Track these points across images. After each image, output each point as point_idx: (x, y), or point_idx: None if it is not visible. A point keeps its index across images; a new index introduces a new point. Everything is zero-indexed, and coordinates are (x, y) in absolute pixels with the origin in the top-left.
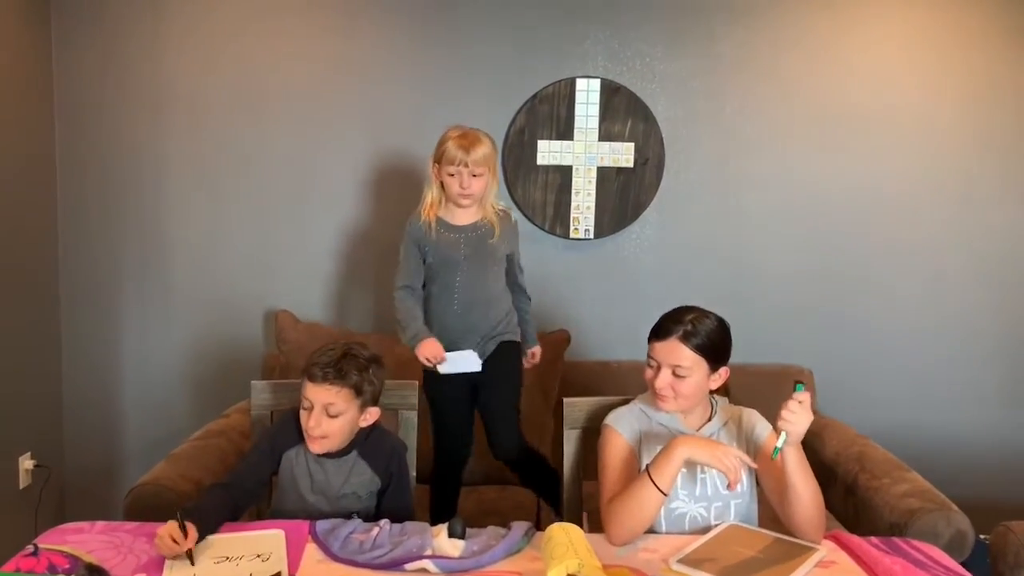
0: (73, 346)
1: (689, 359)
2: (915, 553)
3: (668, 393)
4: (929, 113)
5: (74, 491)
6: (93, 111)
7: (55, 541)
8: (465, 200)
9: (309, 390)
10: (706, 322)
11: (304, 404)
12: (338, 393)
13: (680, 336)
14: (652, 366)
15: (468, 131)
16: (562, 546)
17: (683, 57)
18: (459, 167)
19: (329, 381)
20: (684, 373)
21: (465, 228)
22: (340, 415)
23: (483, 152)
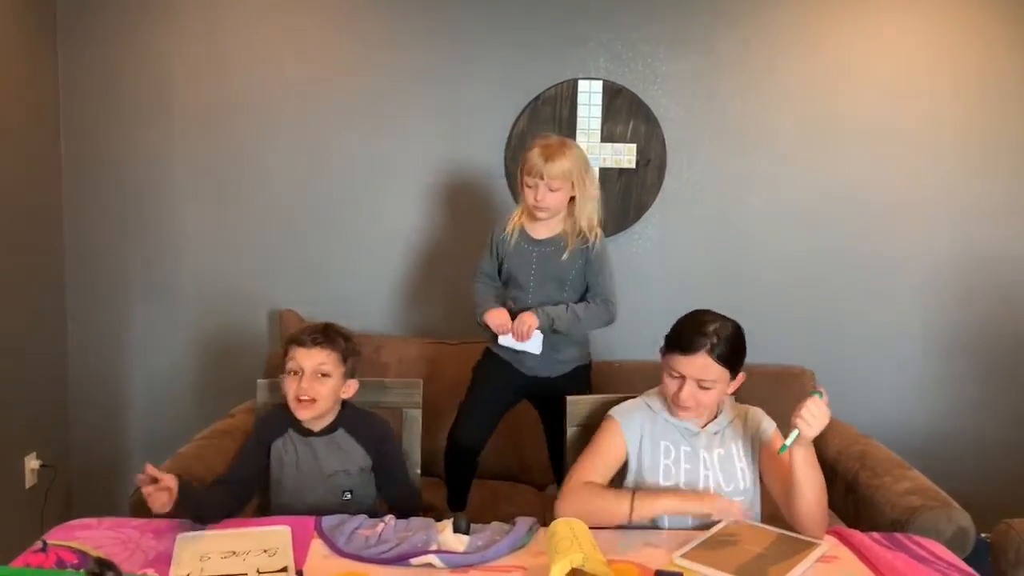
0: (79, 346)
1: (716, 372)
2: (917, 548)
3: (691, 404)
4: (931, 117)
5: (80, 491)
6: (99, 111)
7: (64, 537)
8: (540, 213)
9: (299, 354)
10: (728, 331)
11: (292, 369)
12: (328, 355)
13: (707, 350)
14: (674, 377)
15: (553, 142)
16: (566, 540)
17: (685, 58)
18: (536, 179)
19: (320, 345)
20: (709, 385)
21: (540, 243)
22: (329, 376)
23: (561, 166)
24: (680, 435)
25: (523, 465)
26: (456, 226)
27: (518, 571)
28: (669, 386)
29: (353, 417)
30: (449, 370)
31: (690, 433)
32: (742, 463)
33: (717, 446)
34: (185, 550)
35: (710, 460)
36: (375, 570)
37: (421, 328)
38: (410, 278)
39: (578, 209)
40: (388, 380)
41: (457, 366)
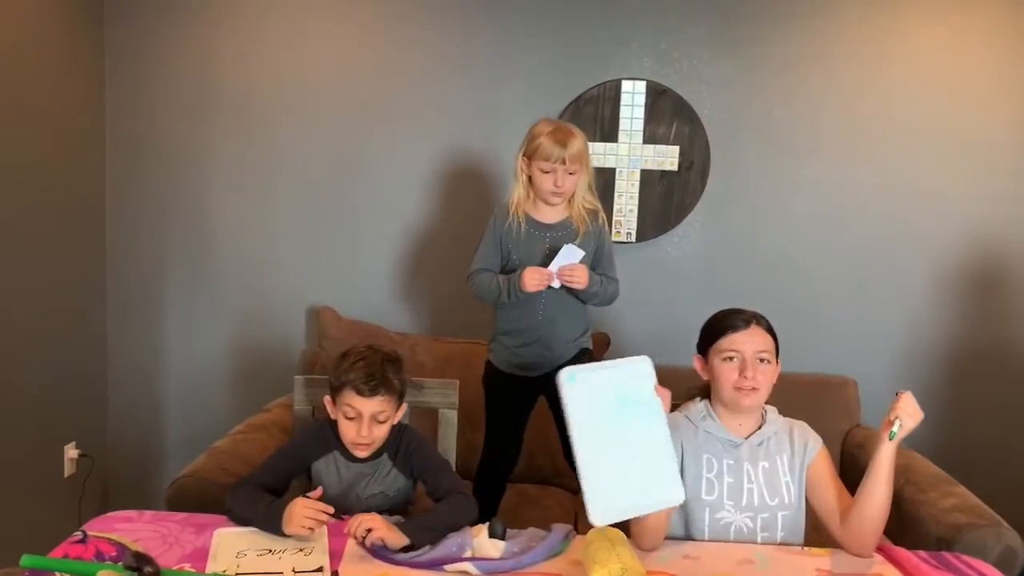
0: (118, 338)
1: (769, 344)
2: (966, 568)
3: (757, 382)
4: (979, 122)
5: (117, 481)
6: (144, 109)
7: (103, 529)
8: (556, 198)
9: (357, 402)
10: (759, 313)
11: (349, 414)
12: (387, 402)
13: (757, 322)
14: (733, 359)
15: (561, 125)
16: (604, 551)
17: (730, 59)
18: (555, 163)
19: (379, 393)
20: (768, 358)
21: (551, 227)
22: (387, 420)
23: (578, 147)
24: (722, 447)
25: (555, 469)
26: None
27: None
28: (728, 373)
29: (396, 441)
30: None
31: (732, 445)
32: (787, 477)
33: (761, 458)
34: (222, 546)
35: (754, 473)
36: (410, 574)
37: (455, 327)
38: (446, 278)
39: (579, 189)
40: (426, 380)
41: None
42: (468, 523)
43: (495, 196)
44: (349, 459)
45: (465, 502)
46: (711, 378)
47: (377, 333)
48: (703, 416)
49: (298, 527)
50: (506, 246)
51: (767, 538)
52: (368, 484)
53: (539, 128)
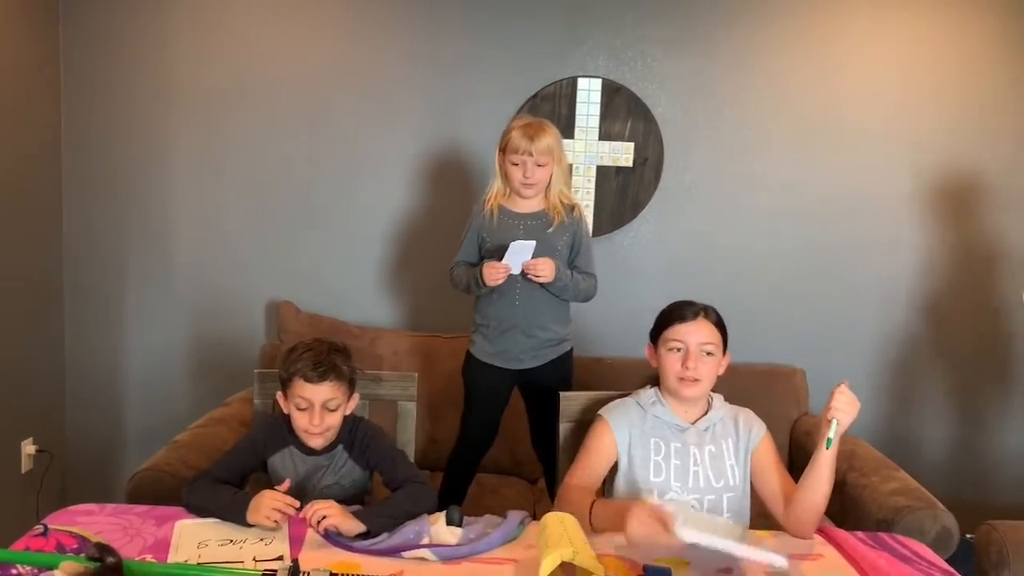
0: (76, 332)
1: (715, 337)
2: (901, 548)
3: (699, 374)
4: (923, 116)
5: (76, 476)
6: (101, 98)
7: (64, 522)
8: (528, 190)
9: (306, 391)
10: (712, 307)
11: (300, 405)
12: (336, 387)
13: (704, 315)
14: (678, 350)
15: (532, 121)
16: (556, 535)
17: (683, 58)
18: (523, 156)
19: (328, 379)
20: (713, 350)
21: (525, 216)
22: (339, 407)
23: (547, 142)
24: (670, 431)
25: (514, 459)
26: (452, 221)
27: (509, 564)
28: (672, 363)
29: (350, 432)
30: (443, 363)
31: (680, 429)
32: (732, 461)
33: (708, 443)
34: (183, 537)
35: (700, 456)
36: (368, 561)
37: (416, 321)
38: (405, 271)
39: (553, 183)
40: (384, 373)
41: (451, 359)
42: (425, 511)
43: (455, 189)
44: (305, 452)
45: (422, 491)
46: (659, 367)
47: (337, 327)
48: (652, 402)
49: (263, 517)
50: (481, 237)
51: None
52: (324, 476)
53: (512, 124)
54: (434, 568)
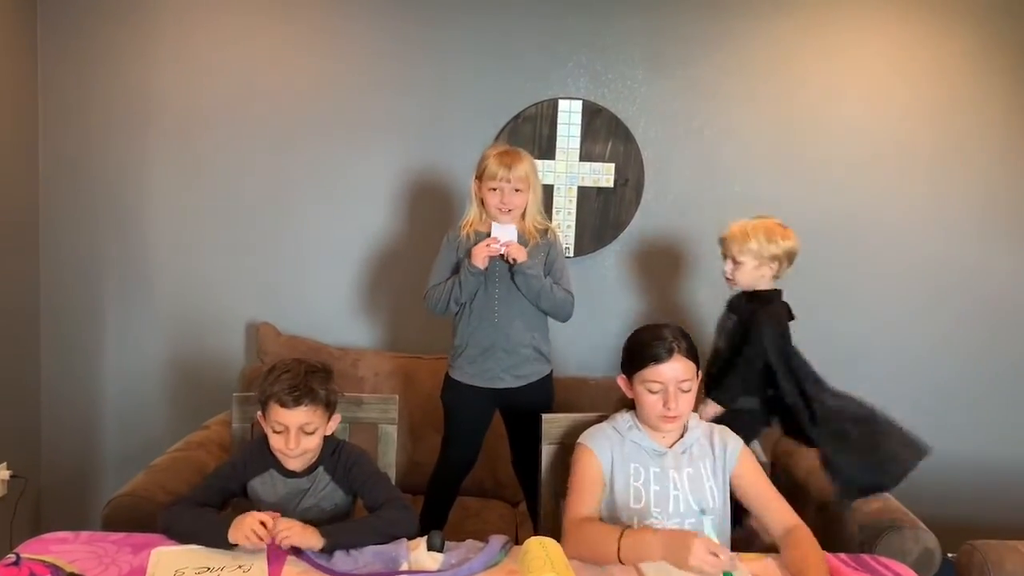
0: (52, 355)
1: (691, 371)
2: (882, 570)
3: (680, 411)
4: (903, 137)
5: (51, 502)
6: (78, 119)
7: (37, 551)
8: (505, 216)
9: (282, 415)
10: (679, 329)
11: (276, 428)
12: (313, 412)
13: (680, 351)
14: (656, 391)
15: (509, 148)
16: (539, 559)
17: (663, 80)
18: (500, 183)
19: (303, 403)
20: (689, 387)
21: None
22: (315, 431)
23: (524, 169)
24: (648, 456)
25: (496, 482)
26: (433, 243)
27: None
28: (652, 403)
29: (332, 455)
30: (424, 384)
31: (658, 454)
32: (711, 482)
33: (686, 465)
34: (160, 564)
35: (679, 480)
36: None
37: (396, 342)
38: (386, 293)
39: (529, 209)
40: (365, 396)
41: (432, 380)
42: (403, 535)
43: (435, 210)
44: (286, 475)
45: (400, 513)
46: (635, 400)
47: (317, 349)
48: (629, 427)
49: (244, 537)
50: (459, 259)
51: None
52: (304, 499)
53: (488, 151)
54: None
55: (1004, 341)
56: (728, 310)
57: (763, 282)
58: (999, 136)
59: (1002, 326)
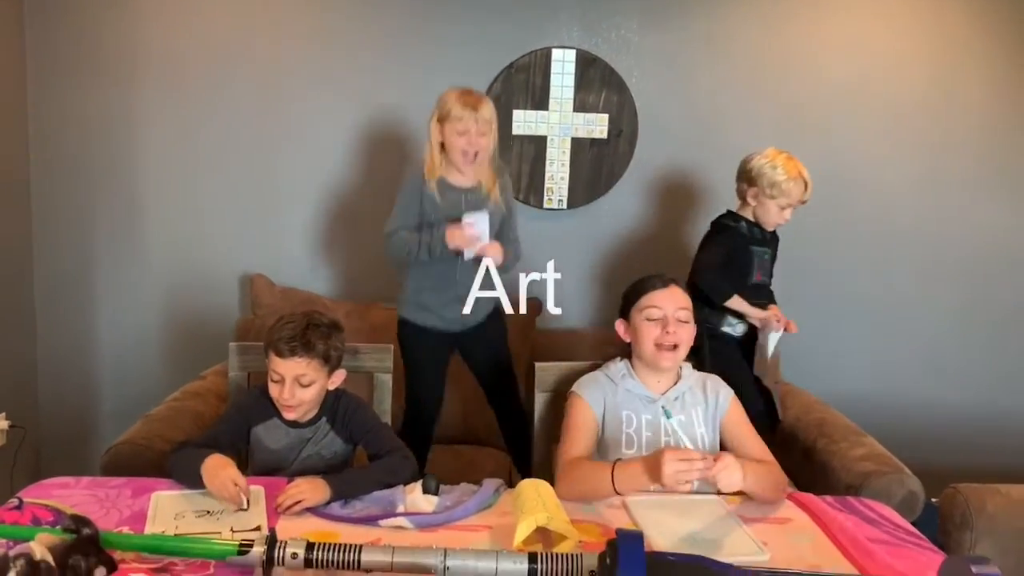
0: (47, 307)
1: (688, 303)
2: (867, 511)
3: (679, 339)
4: (899, 91)
5: (49, 451)
6: (65, 75)
7: (39, 495)
8: (469, 160)
9: (278, 365)
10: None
11: (273, 377)
12: (308, 364)
13: (676, 282)
14: (655, 318)
15: (470, 90)
16: (532, 500)
17: (658, 31)
18: (468, 124)
19: (298, 354)
20: (687, 318)
21: (465, 189)
22: (312, 384)
23: (489, 111)
24: (640, 403)
25: (490, 430)
26: None
27: (485, 530)
28: (650, 330)
29: (334, 405)
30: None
31: (650, 400)
32: (702, 429)
33: (677, 412)
34: (160, 508)
35: (670, 426)
36: (346, 530)
37: (389, 294)
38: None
39: (490, 152)
40: (360, 345)
41: None
42: (403, 481)
43: None
44: (289, 424)
45: (400, 461)
46: (633, 338)
47: (312, 300)
48: (623, 375)
49: (219, 488)
50: (423, 207)
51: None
52: (306, 447)
53: (449, 94)
54: (411, 535)
55: (990, 293)
56: (759, 244)
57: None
58: (990, 88)
59: (991, 277)
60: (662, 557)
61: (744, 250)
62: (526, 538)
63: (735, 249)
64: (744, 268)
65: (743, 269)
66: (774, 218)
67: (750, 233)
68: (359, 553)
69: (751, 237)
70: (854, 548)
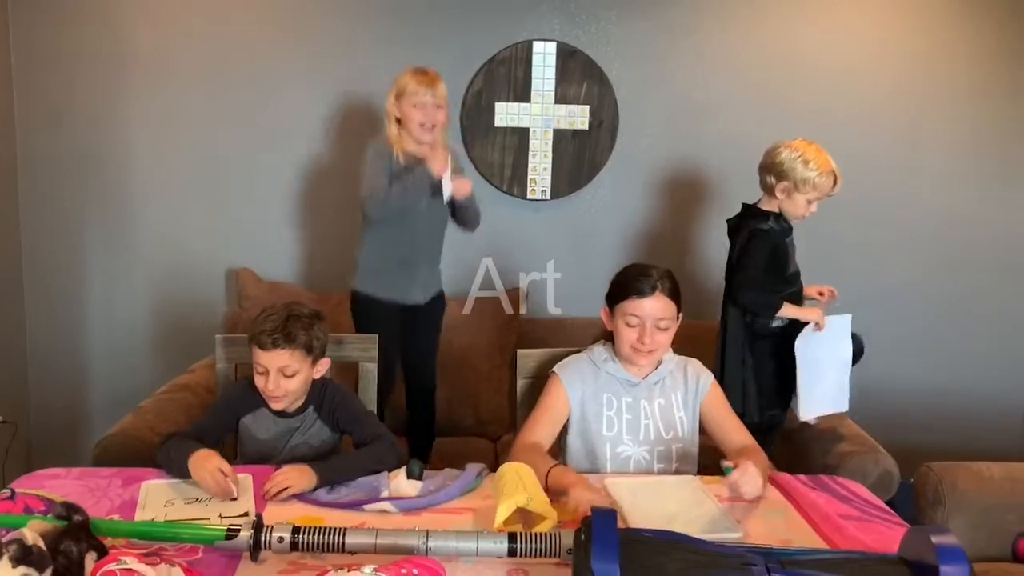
0: (36, 303)
1: (671, 311)
2: (839, 488)
3: (654, 346)
4: (876, 76)
5: (40, 445)
6: (51, 69)
7: (31, 486)
8: (427, 135)
9: (261, 357)
10: (666, 271)
11: (258, 370)
12: (291, 355)
13: (663, 290)
14: (634, 325)
15: (425, 68)
16: (512, 483)
17: (637, 21)
18: (425, 98)
19: (280, 346)
20: (667, 325)
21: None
22: (296, 374)
23: (443, 88)
24: (621, 387)
25: (478, 420)
26: None
27: (468, 513)
28: (628, 335)
29: (321, 395)
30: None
31: (631, 384)
32: (681, 413)
33: (657, 396)
34: (150, 496)
35: (650, 410)
36: (331, 515)
37: None
38: None
39: (442, 128)
40: (345, 336)
41: None
42: (388, 467)
43: None
44: (276, 414)
45: (385, 448)
46: (614, 332)
47: (297, 293)
48: (605, 359)
49: (206, 477)
50: (391, 173)
51: (663, 469)
52: (293, 436)
53: (406, 74)
54: (396, 519)
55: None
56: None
57: None
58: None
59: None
60: (636, 533)
61: (780, 248)
62: (507, 519)
63: (772, 252)
64: (783, 265)
65: (782, 268)
66: (802, 211)
67: (780, 228)
68: (343, 536)
69: (782, 231)
70: (825, 524)
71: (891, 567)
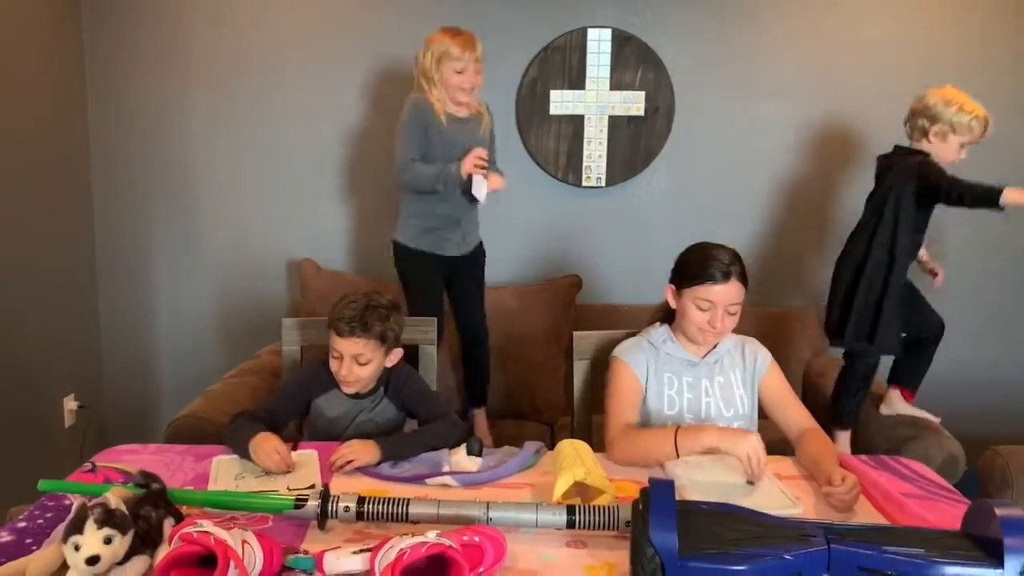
0: (108, 294)
1: (742, 296)
2: (901, 468)
3: (724, 328)
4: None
5: (115, 429)
6: (123, 68)
7: (111, 460)
8: (466, 95)
9: (338, 343)
10: (737, 255)
11: (333, 354)
12: (365, 344)
13: (737, 276)
14: (706, 309)
15: (460, 30)
16: (570, 458)
17: (692, 6)
18: (466, 63)
19: (356, 335)
20: (736, 310)
21: (465, 120)
22: (369, 363)
23: (481, 48)
24: (681, 366)
25: (533, 405)
26: None
27: (527, 488)
28: (698, 318)
29: (388, 375)
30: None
31: (691, 364)
32: (741, 391)
33: (717, 375)
34: (221, 470)
35: (711, 388)
36: (394, 487)
37: None
38: None
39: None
40: (406, 319)
41: None
42: (449, 445)
43: None
44: (349, 395)
45: (446, 427)
46: (679, 311)
47: (356, 283)
48: (664, 340)
49: (264, 458)
50: (429, 137)
51: None
52: (361, 414)
53: (443, 37)
54: (457, 492)
55: None
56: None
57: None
58: None
59: None
60: (694, 505)
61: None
62: (565, 492)
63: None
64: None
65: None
66: (953, 156)
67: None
68: (407, 506)
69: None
70: (887, 502)
71: (953, 539)
